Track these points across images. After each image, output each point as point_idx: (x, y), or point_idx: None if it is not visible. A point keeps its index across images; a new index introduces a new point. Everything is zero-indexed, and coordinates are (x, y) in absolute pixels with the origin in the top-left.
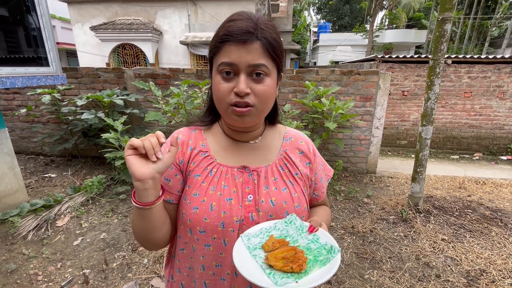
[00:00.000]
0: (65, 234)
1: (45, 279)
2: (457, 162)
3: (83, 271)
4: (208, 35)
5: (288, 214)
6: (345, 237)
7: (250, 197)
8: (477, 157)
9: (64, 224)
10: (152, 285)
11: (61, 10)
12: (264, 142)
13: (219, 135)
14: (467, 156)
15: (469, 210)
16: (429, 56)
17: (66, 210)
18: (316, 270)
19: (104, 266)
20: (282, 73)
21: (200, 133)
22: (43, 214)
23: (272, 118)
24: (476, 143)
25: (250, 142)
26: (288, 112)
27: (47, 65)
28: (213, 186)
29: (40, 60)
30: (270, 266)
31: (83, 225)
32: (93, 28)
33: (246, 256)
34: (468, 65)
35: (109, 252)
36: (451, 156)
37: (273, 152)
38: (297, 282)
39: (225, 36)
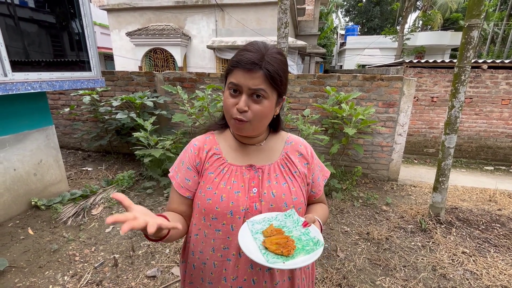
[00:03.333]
0: (98, 222)
1: (81, 260)
2: (491, 174)
3: (113, 255)
4: (234, 39)
5: (286, 205)
6: (359, 243)
7: (255, 190)
8: None
9: (98, 213)
10: (172, 273)
11: (101, 17)
12: (268, 145)
13: (230, 139)
14: (504, 168)
15: (497, 225)
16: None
17: (100, 200)
18: (301, 256)
19: (131, 252)
20: (284, 97)
21: (213, 139)
22: (81, 203)
23: (275, 127)
24: None
25: (256, 145)
26: (307, 116)
27: (89, 69)
28: (224, 182)
29: (83, 64)
30: (266, 248)
31: (114, 215)
32: (129, 34)
33: (248, 238)
34: (506, 70)
35: (136, 241)
36: (484, 167)
37: (275, 153)
38: (284, 263)
39: (236, 63)
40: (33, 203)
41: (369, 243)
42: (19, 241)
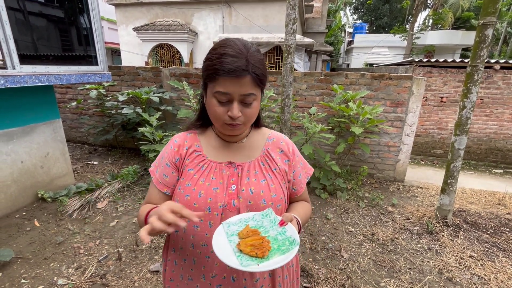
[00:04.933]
0: (103, 215)
1: (86, 253)
2: (500, 177)
3: (117, 249)
4: (241, 36)
5: (264, 202)
6: (364, 244)
7: (233, 187)
8: None
9: (103, 207)
10: None
11: (109, 12)
12: (249, 142)
13: (212, 137)
14: None
15: (507, 229)
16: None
17: (105, 194)
18: (276, 257)
19: (135, 247)
20: (263, 91)
21: (195, 136)
22: (86, 197)
23: (256, 122)
24: None
25: (238, 142)
26: (313, 115)
27: (96, 63)
28: (203, 178)
29: (90, 58)
30: (241, 251)
31: (118, 209)
32: (136, 29)
33: (223, 240)
34: None
35: None
36: (493, 170)
37: (256, 150)
38: (258, 265)
39: (222, 72)
40: (39, 195)
41: (374, 244)
42: (25, 233)
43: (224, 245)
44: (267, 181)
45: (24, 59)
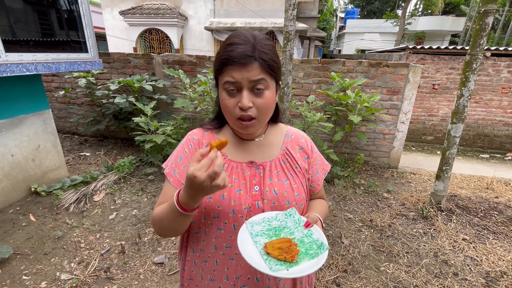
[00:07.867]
0: (101, 208)
1: (87, 247)
2: (486, 162)
3: (120, 242)
4: (233, 21)
5: (288, 202)
6: (363, 230)
7: (257, 187)
8: (510, 157)
9: (100, 199)
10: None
11: None
12: (267, 140)
13: (228, 134)
14: (499, 155)
15: (495, 212)
16: (466, 48)
17: (101, 186)
18: (305, 262)
19: (137, 239)
20: (280, 82)
21: (212, 133)
22: (82, 189)
23: (274, 118)
24: (510, 142)
25: (256, 140)
26: (311, 103)
27: (86, 50)
28: None
29: (79, 45)
30: (268, 254)
31: (116, 202)
32: (122, 13)
33: (248, 242)
34: (509, 58)
35: (141, 227)
36: (480, 155)
37: (276, 148)
38: (288, 270)
39: (227, 60)
40: (32, 189)
41: (372, 230)
42: (21, 228)
43: (250, 247)
44: (289, 180)
45: (10, 47)
